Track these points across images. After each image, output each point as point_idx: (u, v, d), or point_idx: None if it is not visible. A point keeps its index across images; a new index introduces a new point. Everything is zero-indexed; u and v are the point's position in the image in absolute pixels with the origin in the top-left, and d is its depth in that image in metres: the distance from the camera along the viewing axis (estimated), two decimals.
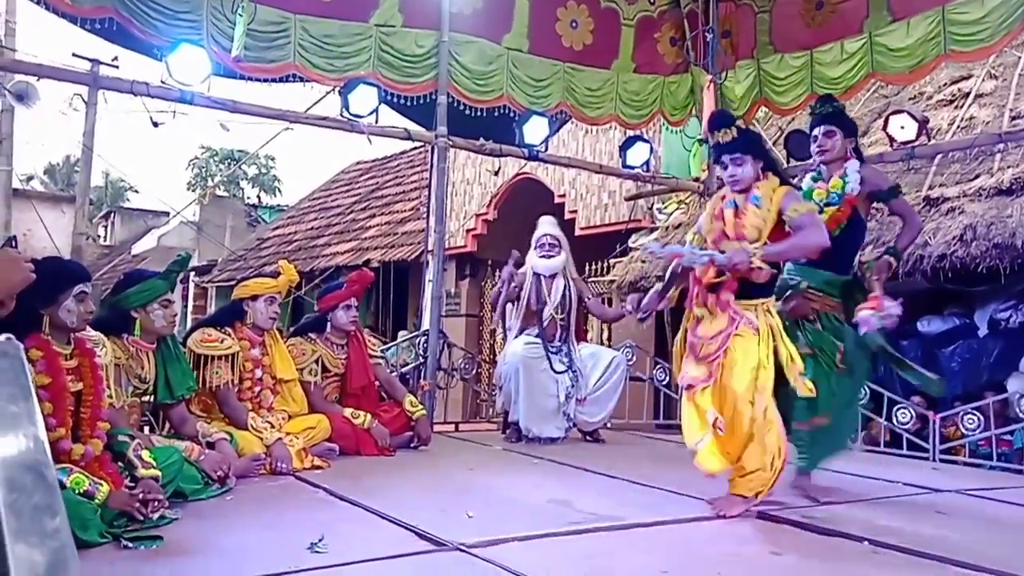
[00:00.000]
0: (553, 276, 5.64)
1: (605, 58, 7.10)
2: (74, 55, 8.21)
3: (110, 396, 3.16)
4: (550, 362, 5.45)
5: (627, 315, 5.09)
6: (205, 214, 19.96)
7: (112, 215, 27.10)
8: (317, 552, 2.52)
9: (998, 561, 2.61)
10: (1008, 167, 6.45)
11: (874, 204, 3.93)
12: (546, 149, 6.82)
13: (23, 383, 1.22)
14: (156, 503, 2.77)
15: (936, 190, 6.73)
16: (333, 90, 6.08)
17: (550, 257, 5.66)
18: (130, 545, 2.56)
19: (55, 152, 36.03)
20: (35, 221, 13.66)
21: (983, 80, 7.83)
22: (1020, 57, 7.73)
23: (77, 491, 2.63)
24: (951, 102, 7.85)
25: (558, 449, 5.15)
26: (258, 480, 3.77)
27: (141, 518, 2.69)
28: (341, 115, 5.91)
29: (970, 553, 2.71)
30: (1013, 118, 7.09)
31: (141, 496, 2.74)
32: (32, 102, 6.25)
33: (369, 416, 4.65)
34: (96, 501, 2.64)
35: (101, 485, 2.70)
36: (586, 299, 5.82)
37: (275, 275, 4.55)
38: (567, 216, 10.27)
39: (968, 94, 7.77)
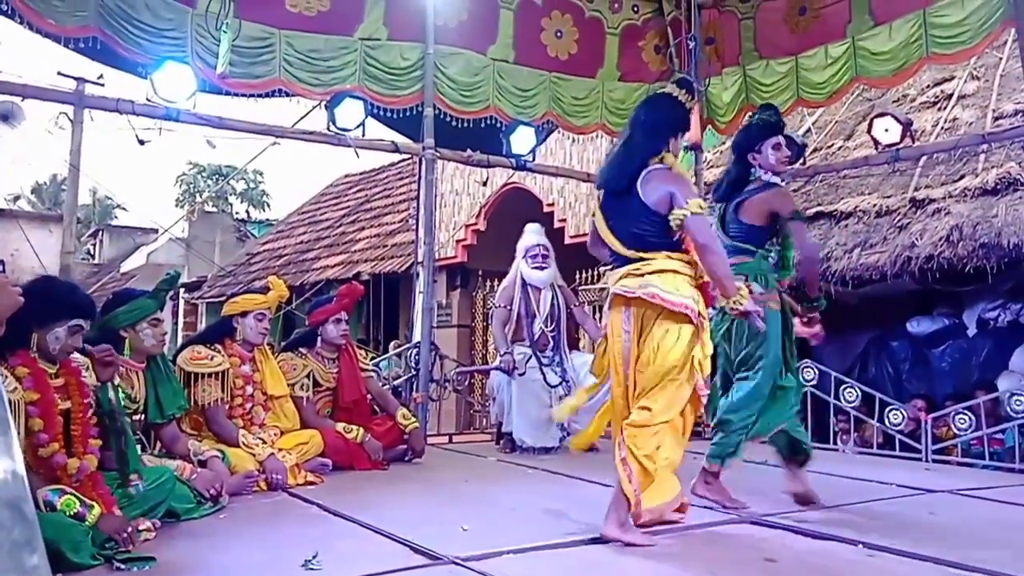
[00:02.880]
0: (541, 287, 5.63)
1: (590, 67, 7.12)
2: (59, 74, 8.18)
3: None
4: (543, 374, 5.44)
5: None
6: (194, 230, 19.89)
7: (100, 233, 26.96)
8: (311, 569, 2.51)
9: (993, 562, 2.62)
10: (992, 167, 6.50)
11: None
12: (534, 159, 6.83)
13: (1, 415, 1.18)
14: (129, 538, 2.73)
15: (922, 191, 6.78)
16: (319, 104, 6.08)
17: (543, 268, 5.64)
18: (123, 567, 2.54)
19: (41, 171, 35.88)
20: (22, 241, 13.60)
21: (965, 81, 7.90)
22: (1001, 58, 7.80)
23: (68, 513, 2.61)
24: (934, 104, 7.92)
25: (552, 459, 5.14)
26: (251, 497, 3.75)
27: (128, 547, 2.66)
28: (328, 129, 5.91)
29: (965, 554, 2.72)
30: (996, 118, 7.15)
31: (131, 529, 2.72)
32: (17, 122, 6.22)
33: (362, 430, 4.63)
34: (87, 523, 2.62)
35: (92, 507, 2.68)
36: (572, 306, 5.82)
37: (264, 290, 4.54)
38: (556, 225, 10.28)
39: (951, 96, 7.84)
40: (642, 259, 3.09)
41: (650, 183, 3.17)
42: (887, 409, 5.76)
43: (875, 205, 6.95)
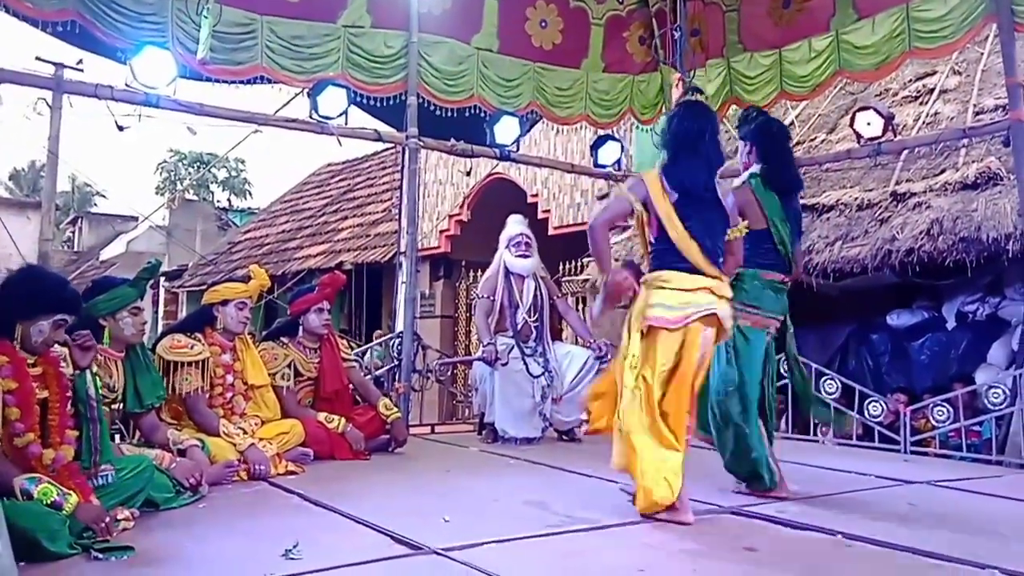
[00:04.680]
0: (524, 277, 5.63)
1: (575, 57, 7.10)
2: (37, 59, 8.08)
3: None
4: (526, 364, 5.44)
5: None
6: (175, 218, 19.73)
7: (79, 220, 26.70)
8: (292, 559, 2.50)
9: (968, 552, 2.65)
10: (973, 162, 6.55)
11: None
12: (518, 149, 6.80)
13: None
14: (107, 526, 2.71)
15: (903, 185, 6.82)
16: (302, 92, 6.03)
17: (526, 257, 5.64)
18: (100, 556, 2.52)
19: (20, 157, 35.47)
20: None
21: (947, 76, 7.95)
22: (982, 53, 7.85)
23: (45, 502, 2.59)
24: (916, 98, 7.96)
25: (534, 449, 5.14)
26: (231, 487, 3.73)
27: (106, 537, 2.64)
28: (310, 117, 5.86)
29: (941, 544, 2.75)
30: (977, 113, 7.20)
31: (108, 519, 2.70)
32: None
33: (343, 420, 4.61)
34: (64, 512, 2.59)
35: (69, 496, 2.65)
36: (555, 297, 5.83)
37: (246, 279, 4.50)
38: (540, 215, 10.28)
39: (933, 90, 7.88)
40: (719, 278, 3.23)
41: (727, 196, 3.35)
42: (866, 401, 5.81)
43: (857, 198, 6.98)
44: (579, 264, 9.25)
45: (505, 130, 6.56)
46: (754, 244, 3.56)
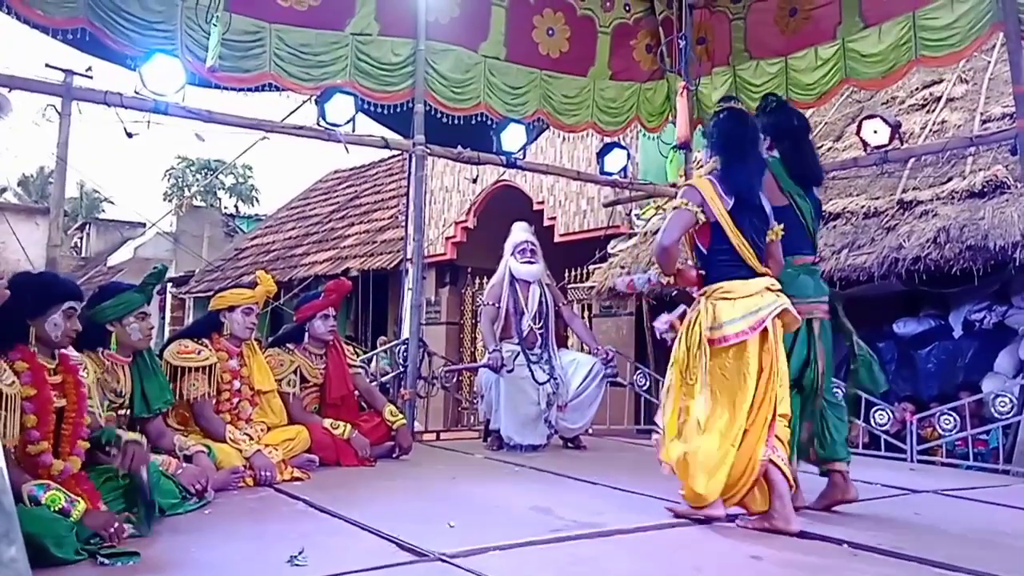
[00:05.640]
0: (529, 283, 5.64)
1: (582, 66, 7.13)
2: (47, 65, 8.12)
3: (93, 413, 3.12)
4: (531, 371, 5.44)
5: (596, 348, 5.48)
6: (182, 225, 19.84)
7: (87, 227, 26.83)
8: (297, 565, 2.50)
9: (975, 561, 2.64)
10: (980, 170, 6.54)
11: None
12: (524, 156, 6.82)
13: None
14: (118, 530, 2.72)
15: (910, 193, 6.81)
16: (310, 99, 6.06)
17: (532, 263, 5.65)
18: (107, 562, 2.52)
19: (29, 163, 35.67)
20: (8, 234, 13.50)
21: (954, 84, 7.95)
22: (989, 62, 7.85)
23: (53, 508, 2.60)
24: (923, 106, 7.96)
25: (540, 456, 5.14)
26: (237, 493, 3.73)
27: (114, 542, 2.65)
28: (318, 124, 5.89)
29: (948, 554, 2.74)
30: (984, 121, 7.19)
31: (116, 525, 2.71)
32: (4, 113, 6.17)
33: (349, 426, 4.63)
34: (72, 518, 2.60)
35: (77, 502, 2.66)
36: (560, 304, 5.83)
37: (252, 285, 4.52)
38: (546, 223, 10.29)
39: (939, 98, 7.88)
40: (768, 275, 3.31)
41: (765, 199, 3.41)
42: (873, 409, 5.79)
43: (863, 206, 6.98)
44: (585, 271, 9.26)
45: (512, 138, 6.58)
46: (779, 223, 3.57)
